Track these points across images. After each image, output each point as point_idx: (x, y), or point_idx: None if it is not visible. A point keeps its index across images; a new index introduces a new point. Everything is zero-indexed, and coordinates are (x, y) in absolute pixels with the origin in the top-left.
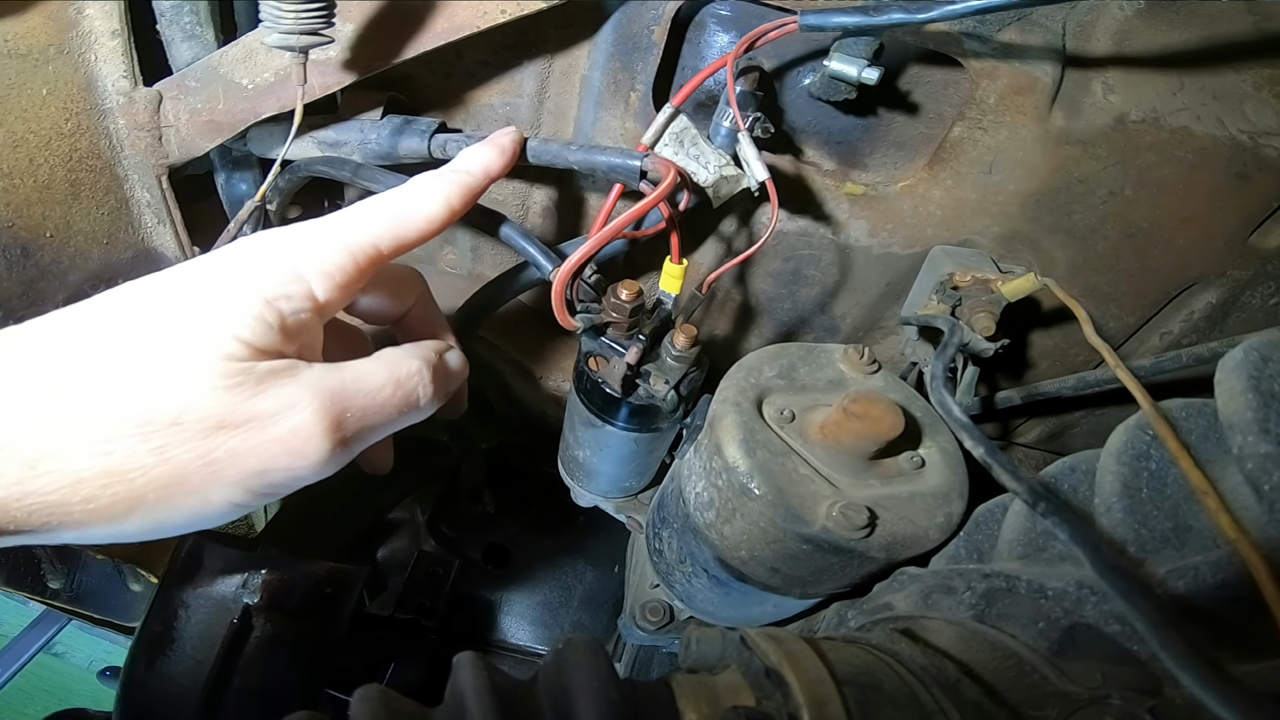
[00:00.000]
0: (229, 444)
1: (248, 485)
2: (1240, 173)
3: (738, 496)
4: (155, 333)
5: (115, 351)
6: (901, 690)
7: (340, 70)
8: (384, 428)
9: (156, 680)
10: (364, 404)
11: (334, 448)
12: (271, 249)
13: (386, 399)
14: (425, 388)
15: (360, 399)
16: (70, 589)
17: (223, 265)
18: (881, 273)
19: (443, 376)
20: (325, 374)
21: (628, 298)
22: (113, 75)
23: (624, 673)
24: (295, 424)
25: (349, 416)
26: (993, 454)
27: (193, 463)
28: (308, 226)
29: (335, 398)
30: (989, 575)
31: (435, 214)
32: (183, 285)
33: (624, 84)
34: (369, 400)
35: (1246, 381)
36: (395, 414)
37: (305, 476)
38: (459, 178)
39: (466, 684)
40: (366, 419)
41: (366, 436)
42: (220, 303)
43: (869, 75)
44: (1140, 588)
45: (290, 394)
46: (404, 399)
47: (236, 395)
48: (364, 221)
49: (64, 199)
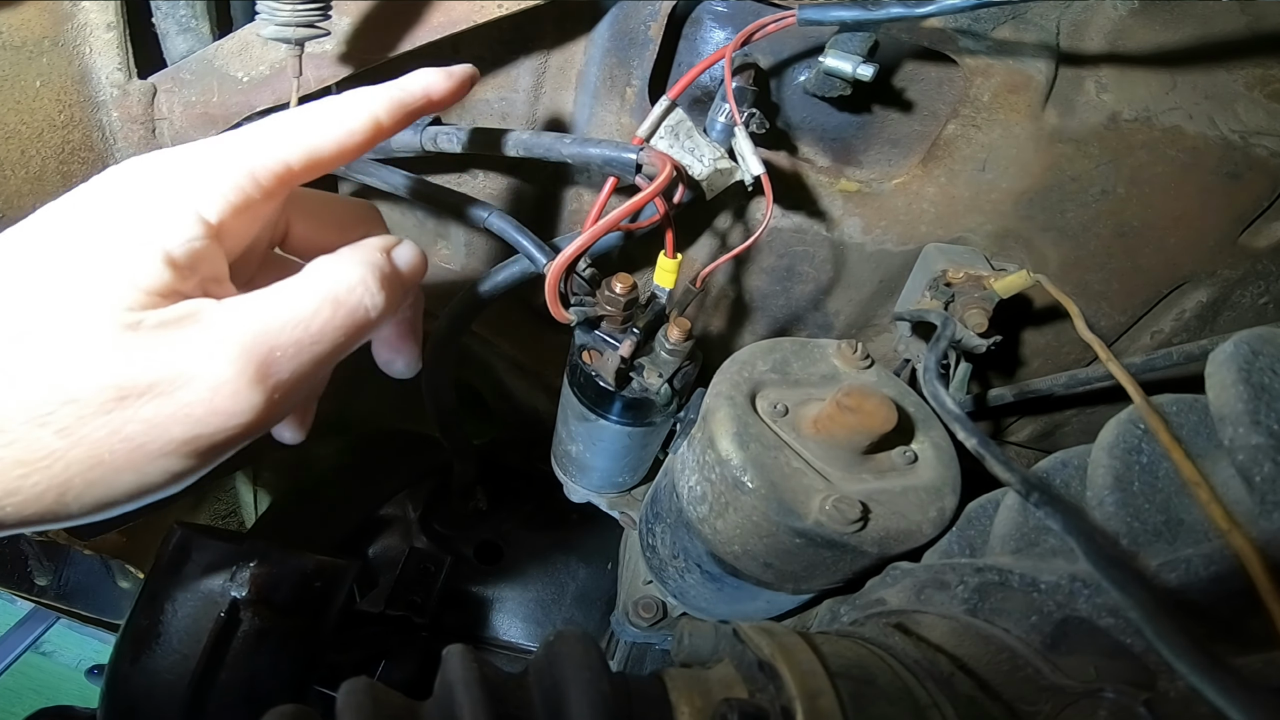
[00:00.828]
0: (141, 414)
1: (182, 453)
2: (1231, 172)
3: (731, 490)
4: (23, 296)
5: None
6: (895, 684)
7: (336, 63)
8: (328, 357)
9: (142, 675)
10: (296, 336)
11: (268, 397)
12: (147, 173)
13: (325, 322)
14: (373, 297)
15: (290, 331)
16: (58, 586)
17: (91, 203)
18: (875, 270)
19: (395, 279)
20: (240, 310)
21: (622, 291)
22: (107, 68)
23: (617, 670)
24: (212, 380)
25: (279, 356)
26: (985, 445)
27: (108, 440)
28: (198, 144)
29: (257, 338)
30: (982, 569)
31: (356, 126)
32: (48, 238)
33: (620, 79)
34: (302, 330)
35: (1237, 374)
36: (341, 338)
37: (247, 433)
38: (391, 90)
39: (456, 675)
40: (303, 353)
41: (306, 374)
42: (92, 249)
43: (864, 72)
44: (1135, 578)
45: (197, 345)
46: (348, 318)
47: (130, 356)
48: (267, 135)
49: (56, 191)
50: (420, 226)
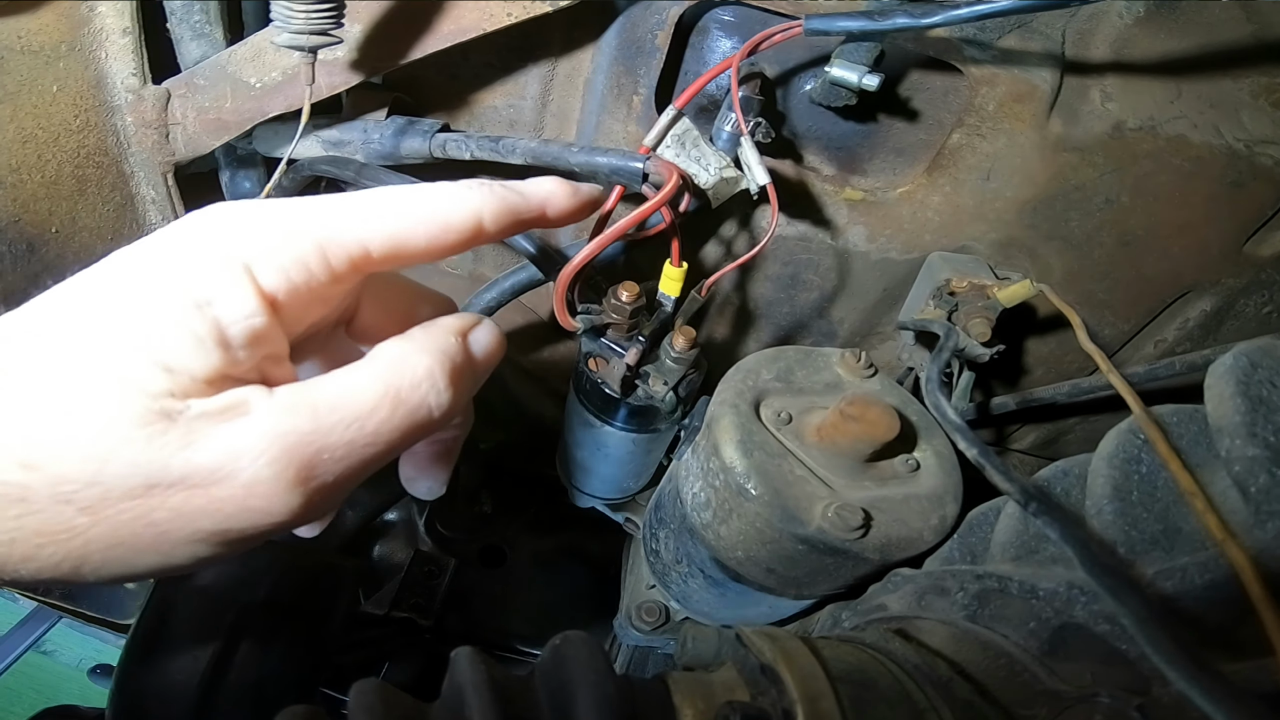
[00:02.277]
0: (169, 503)
1: (209, 542)
2: (1236, 181)
3: (734, 497)
4: (57, 369)
5: (16, 399)
6: (894, 688)
7: (347, 70)
8: (379, 459)
9: (151, 676)
10: (349, 437)
11: (307, 500)
12: (208, 232)
13: (381, 423)
14: (439, 395)
15: (343, 431)
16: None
17: (142, 261)
18: (879, 278)
19: (466, 371)
20: (288, 407)
21: (628, 299)
22: (122, 73)
23: (620, 673)
24: (247, 480)
25: (326, 459)
26: (986, 456)
27: (131, 524)
28: (270, 207)
29: (304, 439)
30: (981, 576)
31: (455, 222)
32: (96, 302)
33: (627, 88)
34: (355, 431)
35: (1235, 386)
36: (397, 439)
37: (278, 530)
38: (506, 194)
39: (465, 678)
40: (354, 455)
41: (356, 475)
42: (133, 318)
43: (869, 81)
44: (1129, 586)
45: (236, 443)
46: (407, 417)
47: (163, 448)
48: (351, 211)
49: (70, 195)
50: None
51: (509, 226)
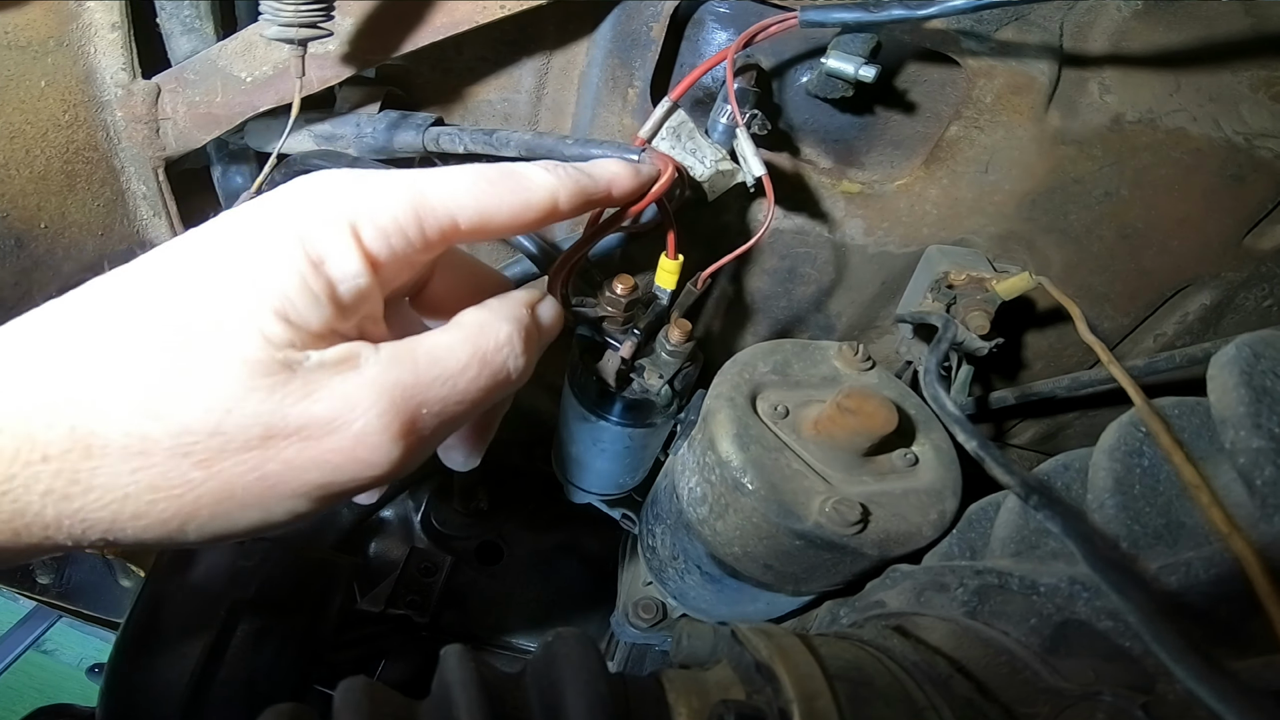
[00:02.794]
0: (283, 455)
1: (311, 496)
2: (1235, 174)
3: (731, 492)
4: (180, 321)
5: (137, 350)
6: (893, 686)
7: (339, 64)
8: (465, 417)
9: (141, 674)
10: (443, 394)
11: (407, 452)
12: (317, 194)
13: (470, 382)
14: (516, 359)
15: (438, 388)
16: (60, 584)
17: (256, 219)
18: (877, 271)
19: (536, 339)
20: (393, 361)
21: (623, 292)
22: (112, 68)
23: (616, 670)
24: (359, 430)
25: (425, 413)
26: (985, 448)
27: (244, 476)
28: (375, 175)
29: (407, 392)
30: (981, 572)
31: (535, 201)
32: (209, 252)
33: (622, 80)
34: (449, 388)
35: (1239, 377)
36: (481, 398)
37: (375, 483)
38: (577, 175)
39: (453, 676)
40: (446, 411)
41: (444, 431)
42: (254, 272)
43: (866, 73)
44: (1135, 581)
45: (351, 394)
46: (491, 378)
47: (284, 398)
48: (444, 185)
49: (60, 190)
50: None
51: (580, 206)
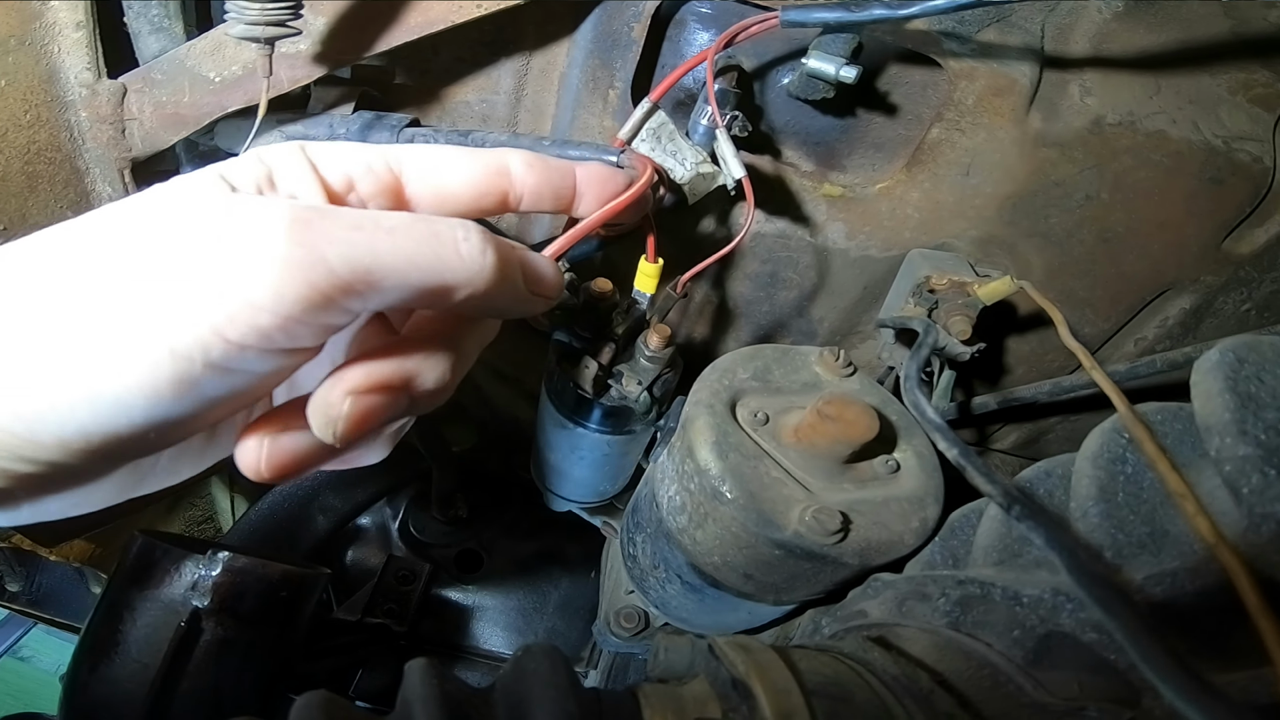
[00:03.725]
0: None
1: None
2: (1214, 177)
3: (710, 500)
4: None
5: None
6: (873, 702)
7: (310, 63)
8: (394, 274)
9: (100, 684)
10: (355, 221)
11: (284, 247)
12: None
13: (403, 235)
14: (470, 244)
15: (351, 218)
16: (30, 592)
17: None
18: (859, 276)
19: (508, 255)
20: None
21: (601, 295)
22: (76, 67)
23: (599, 680)
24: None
25: (326, 223)
26: (966, 456)
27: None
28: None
29: (307, 208)
30: (963, 582)
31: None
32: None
33: (603, 81)
34: (369, 227)
35: (1223, 382)
36: (414, 257)
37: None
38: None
39: (414, 693)
40: (358, 244)
41: (358, 274)
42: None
43: (847, 73)
44: (1118, 595)
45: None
46: (432, 245)
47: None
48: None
49: (20, 192)
50: None
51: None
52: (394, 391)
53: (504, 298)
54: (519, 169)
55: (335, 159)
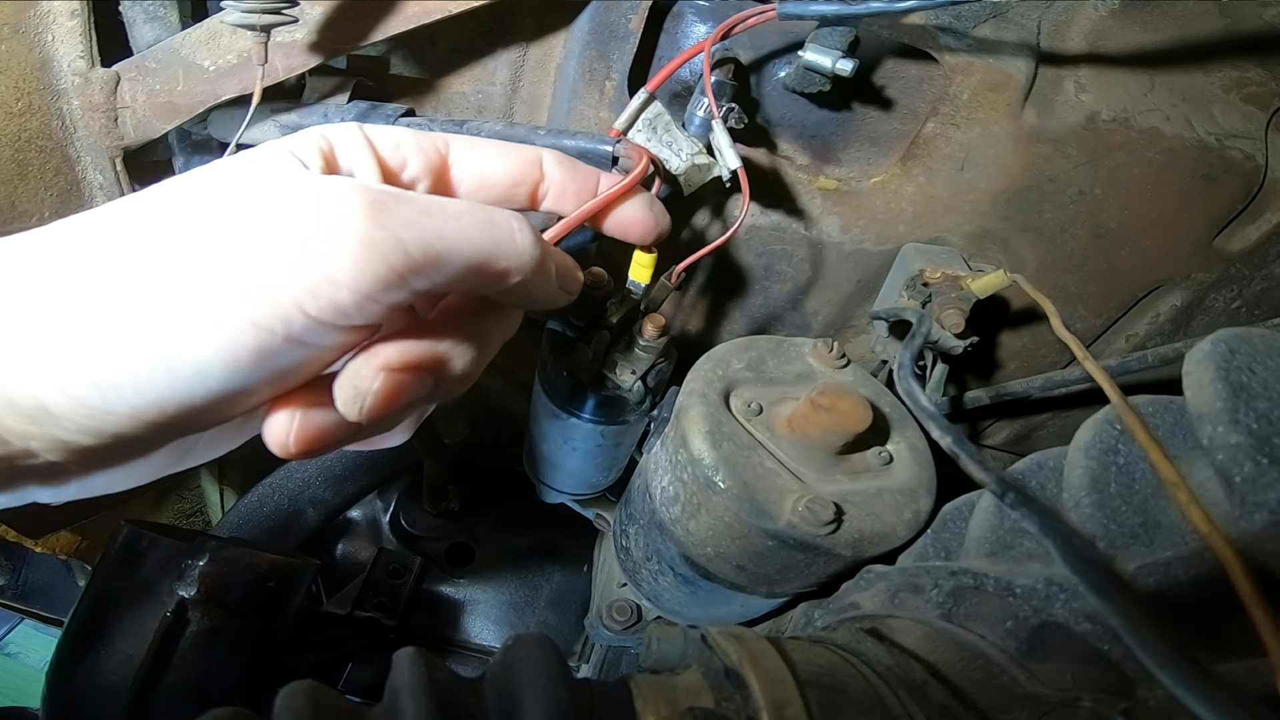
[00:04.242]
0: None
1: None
2: (1207, 175)
3: (703, 490)
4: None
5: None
6: (866, 692)
7: (305, 52)
8: (458, 257)
9: (85, 675)
10: (425, 206)
11: (367, 228)
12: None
13: (468, 221)
14: (524, 235)
15: (422, 203)
16: (16, 585)
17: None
18: (853, 269)
19: (548, 248)
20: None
21: (595, 285)
22: (69, 55)
23: (592, 673)
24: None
25: (401, 207)
26: (960, 444)
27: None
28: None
29: (382, 191)
30: (956, 573)
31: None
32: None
33: (599, 73)
34: (438, 213)
35: (1215, 372)
36: (477, 242)
37: (332, 269)
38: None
39: (403, 681)
40: (429, 228)
41: (429, 256)
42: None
43: (843, 67)
44: (1115, 582)
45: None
46: (491, 231)
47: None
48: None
49: (9, 179)
50: None
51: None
52: (424, 372)
53: (540, 288)
54: (550, 165)
55: (391, 140)
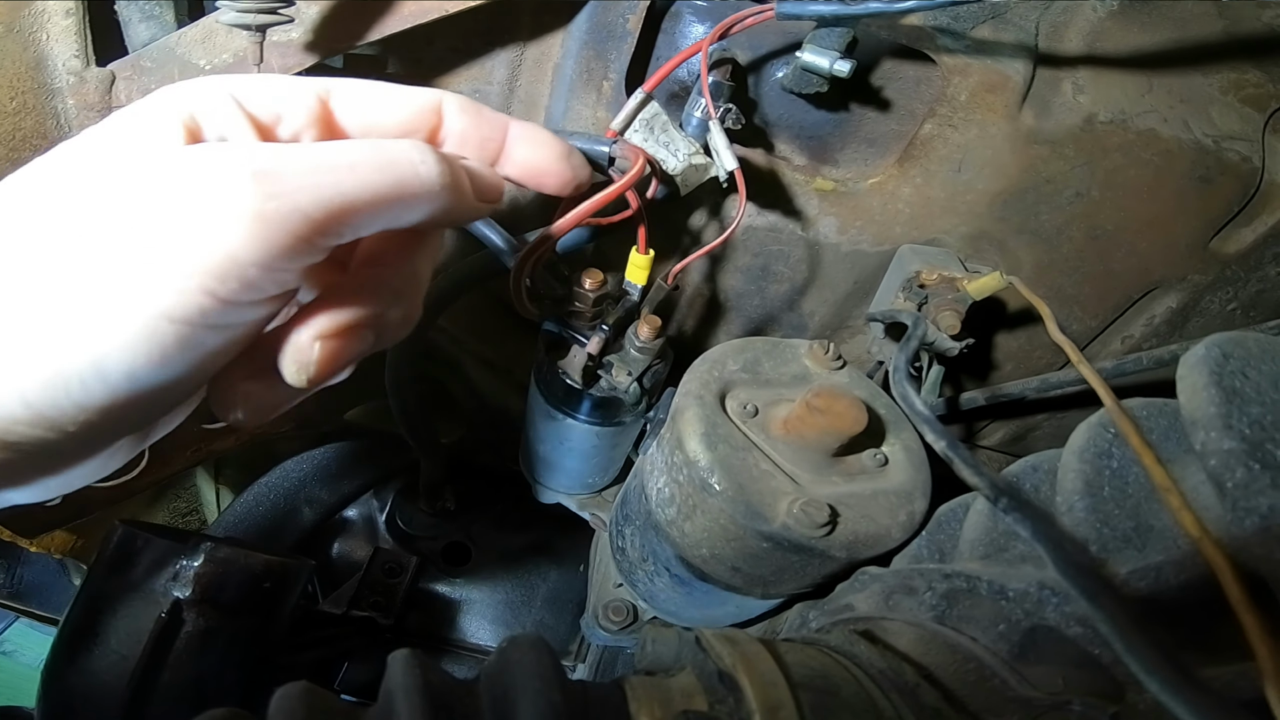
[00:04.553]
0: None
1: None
2: (1203, 176)
3: (698, 492)
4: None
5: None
6: (859, 695)
7: (302, 52)
8: (364, 208)
9: (79, 676)
10: (316, 162)
11: (257, 201)
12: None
13: (365, 169)
14: (428, 165)
15: (311, 159)
16: (10, 584)
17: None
18: (850, 270)
19: (457, 166)
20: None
21: (591, 286)
22: (64, 55)
23: (588, 674)
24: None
25: (289, 169)
26: (954, 448)
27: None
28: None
29: (264, 154)
30: (950, 576)
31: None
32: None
33: (597, 73)
34: (331, 166)
35: (1209, 377)
36: (379, 188)
37: (233, 249)
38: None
39: (397, 683)
40: (325, 186)
41: (330, 214)
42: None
43: (841, 67)
44: (1105, 587)
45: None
46: (392, 172)
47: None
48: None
49: (4, 177)
50: None
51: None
52: (361, 329)
53: (458, 209)
54: (452, 111)
55: (262, 92)
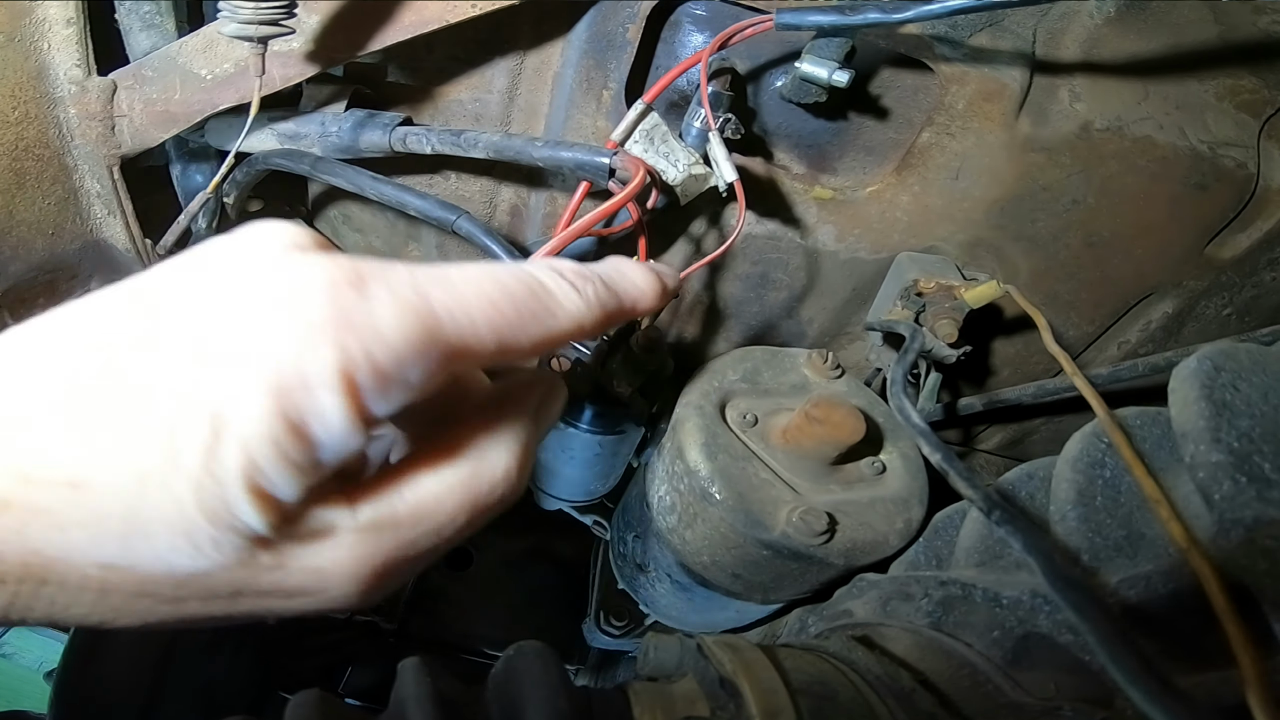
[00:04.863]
0: (251, 604)
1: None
2: (1199, 183)
3: (699, 501)
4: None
5: (94, 493)
6: (856, 700)
7: (303, 62)
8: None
9: (92, 682)
10: (426, 547)
11: (373, 596)
12: (305, 312)
13: (457, 530)
14: (511, 488)
15: (421, 544)
16: None
17: (226, 349)
18: (848, 278)
19: (535, 448)
20: (372, 530)
21: None
22: (65, 64)
23: (589, 676)
24: (330, 597)
25: (404, 569)
26: (949, 460)
27: (208, 610)
28: (371, 272)
29: (387, 558)
30: (946, 583)
31: (559, 332)
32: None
33: (597, 82)
34: (433, 540)
35: (1199, 390)
36: (464, 537)
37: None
38: (606, 298)
39: (409, 691)
40: (424, 559)
41: (421, 568)
42: (221, 423)
43: (839, 77)
44: (1091, 600)
45: (324, 570)
46: (481, 518)
47: (254, 570)
48: (462, 305)
49: (7, 188)
50: (391, 228)
51: (601, 329)
52: None
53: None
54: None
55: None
